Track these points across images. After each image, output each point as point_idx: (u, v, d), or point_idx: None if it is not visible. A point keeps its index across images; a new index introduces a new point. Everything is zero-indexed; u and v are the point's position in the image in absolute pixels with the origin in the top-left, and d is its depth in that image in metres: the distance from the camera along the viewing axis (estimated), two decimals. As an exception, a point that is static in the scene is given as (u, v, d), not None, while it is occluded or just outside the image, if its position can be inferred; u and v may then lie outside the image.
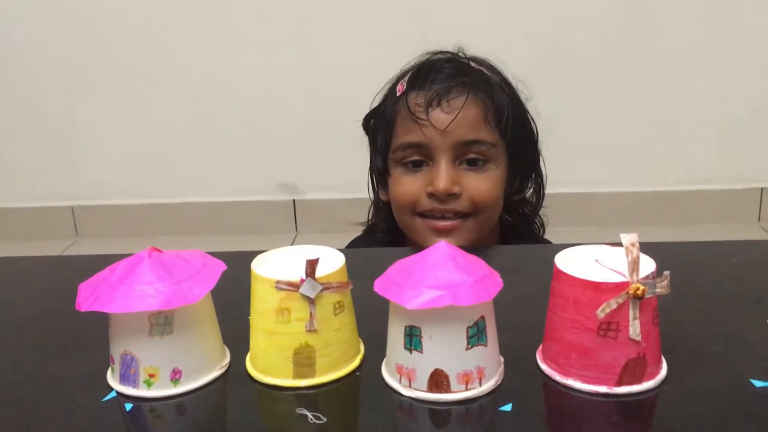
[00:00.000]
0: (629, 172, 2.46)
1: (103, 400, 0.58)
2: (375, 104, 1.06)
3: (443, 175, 0.93)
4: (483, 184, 0.95)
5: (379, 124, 1.03)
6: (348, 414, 0.57)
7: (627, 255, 0.54)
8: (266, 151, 2.53)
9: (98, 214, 2.63)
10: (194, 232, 2.55)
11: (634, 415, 0.55)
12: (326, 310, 0.58)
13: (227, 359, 0.62)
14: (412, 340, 0.56)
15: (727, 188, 2.43)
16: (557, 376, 0.58)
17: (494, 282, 0.56)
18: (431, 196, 0.94)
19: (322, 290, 0.57)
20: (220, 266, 0.61)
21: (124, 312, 0.55)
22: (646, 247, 0.57)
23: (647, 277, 0.55)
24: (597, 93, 2.37)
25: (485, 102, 0.95)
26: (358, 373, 0.61)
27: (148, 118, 2.51)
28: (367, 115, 1.07)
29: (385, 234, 1.08)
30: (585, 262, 0.59)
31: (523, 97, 1.03)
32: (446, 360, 0.56)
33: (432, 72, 0.98)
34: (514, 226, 1.09)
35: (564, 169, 2.36)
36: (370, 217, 1.14)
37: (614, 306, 0.54)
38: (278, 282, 0.57)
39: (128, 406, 0.57)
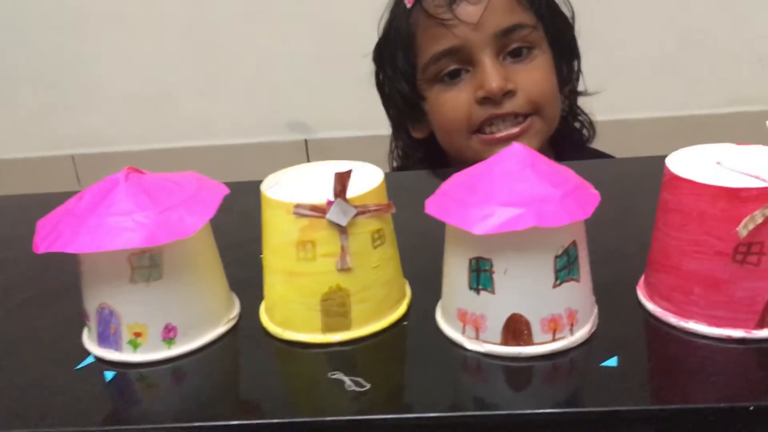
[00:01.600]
0: (661, 95, 2.29)
1: (77, 367, 0.45)
2: (381, 32, 0.91)
3: (492, 73, 0.80)
4: (536, 75, 0.83)
5: (396, 47, 0.88)
6: (395, 377, 0.43)
7: (777, 149, 0.39)
8: (273, 89, 2.38)
9: (99, 162, 2.50)
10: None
11: (782, 367, 0.41)
12: (362, 241, 0.44)
13: (236, 310, 0.49)
14: (480, 276, 0.42)
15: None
16: (673, 318, 0.44)
17: (589, 195, 0.42)
18: (484, 101, 0.81)
19: (356, 215, 0.43)
20: (221, 190, 0.46)
21: (94, 252, 0.41)
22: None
23: (801, 179, 0.40)
24: (622, 7, 2.18)
25: None
26: (405, 323, 0.47)
27: (147, 59, 2.35)
28: (377, 43, 0.92)
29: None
30: (706, 165, 0.44)
31: None
32: (527, 302, 0.42)
33: None
34: (568, 131, 0.95)
35: (594, 95, 2.21)
36: (394, 166, 1.00)
37: (760, 220, 0.39)
38: (298, 206, 0.43)
39: (108, 375, 0.44)
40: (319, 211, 0.42)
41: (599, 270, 0.49)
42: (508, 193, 0.40)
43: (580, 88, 0.95)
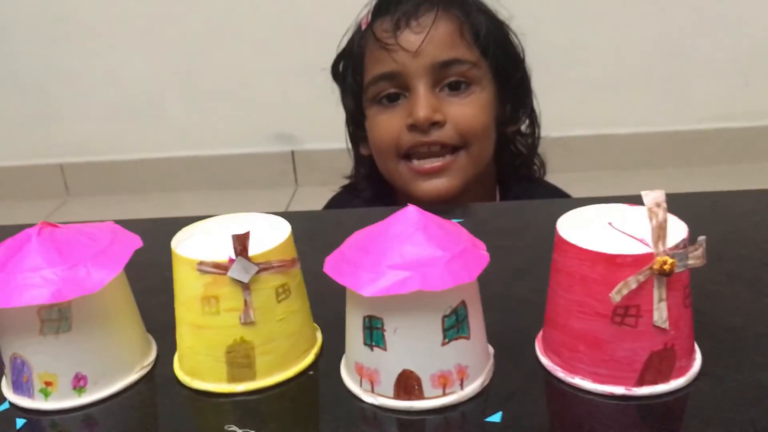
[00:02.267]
0: (644, 111, 2.30)
1: (-7, 413, 0.47)
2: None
3: (422, 102, 0.81)
4: (468, 110, 0.84)
5: (347, 65, 0.91)
6: (296, 426, 0.45)
7: (651, 219, 0.41)
8: (260, 100, 2.40)
9: (88, 171, 2.52)
10: (188, 187, 2.44)
11: (659, 423, 0.43)
12: (266, 296, 0.46)
13: (152, 357, 0.50)
14: (373, 333, 0.44)
15: (754, 125, 2.26)
16: (561, 373, 0.46)
17: (477, 257, 0.44)
18: (412, 128, 0.82)
19: (258, 272, 0.45)
20: (134, 242, 0.48)
21: (4, 308, 0.43)
22: (668, 202, 0.43)
23: (677, 246, 0.42)
24: (606, 22, 2.19)
25: (458, 17, 0.84)
26: (311, 373, 0.49)
27: (135, 68, 2.37)
28: (335, 59, 0.94)
29: (369, 190, 0.96)
30: (596, 226, 0.46)
31: (503, 16, 0.90)
32: (417, 359, 0.43)
33: None
34: (512, 168, 0.96)
35: (573, 109, 2.21)
36: (351, 174, 1.02)
37: (634, 286, 0.41)
38: (201, 263, 0.44)
39: (19, 422, 0.46)
40: (222, 268, 0.44)
41: (507, 321, 0.51)
42: (398, 256, 0.42)
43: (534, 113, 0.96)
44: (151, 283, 0.56)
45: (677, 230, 0.43)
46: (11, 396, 0.47)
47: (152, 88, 2.38)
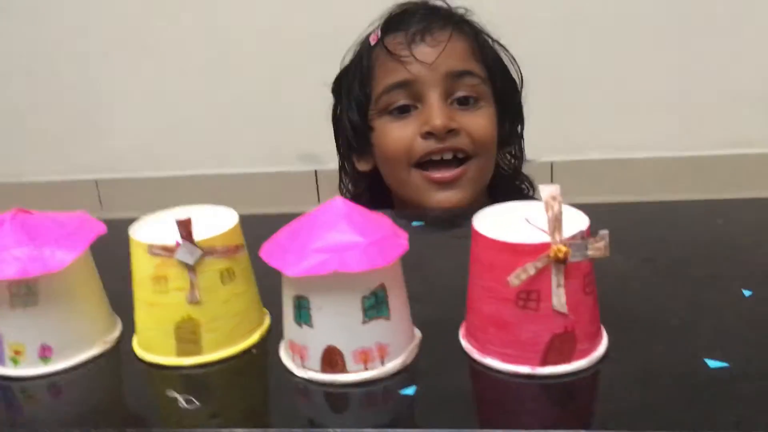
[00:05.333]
0: (662, 135, 2.31)
1: (-33, 379, 0.52)
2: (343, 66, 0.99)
3: (437, 111, 0.86)
4: (480, 120, 0.89)
5: (354, 78, 0.95)
6: (238, 397, 0.50)
7: (547, 210, 0.45)
8: (286, 120, 2.47)
9: (121, 187, 2.61)
10: (215, 204, 2.50)
11: (560, 400, 0.46)
12: (211, 278, 0.51)
13: (115, 333, 0.56)
14: (302, 312, 0.48)
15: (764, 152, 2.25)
16: (476, 354, 0.50)
17: (395, 244, 0.48)
18: (427, 136, 0.87)
19: (203, 255, 0.50)
20: (98, 228, 0.54)
21: (-23, 281, 0.49)
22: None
23: (575, 237, 0.46)
24: (621, 47, 2.21)
25: (470, 36, 0.91)
26: (253, 351, 0.53)
27: (167, 88, 2.47)
28: (337, 75, 0.99)
29: (367, 207, 1.00)
30: (511, 221, 0.50)
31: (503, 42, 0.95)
32: (339, 336, 0.48)
33: (407, 15, 0.93)
34: (502, 188, 1.00)
35: (588, 133, 2.24)
36: (343, 194, 1.07)
37: (531, 272, 0.45)
38: (152, 246, 0.50)
39: (-9, 386, 0.51)
40: (169, 251, 0.49)
41: (440, 310, 0.56)
42: (321, 240, 0.47)
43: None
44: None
45: (578, 223, 0.47)
46: (-14, 364, 0.53)
47: (182, 107, 2.47)
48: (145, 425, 0.47)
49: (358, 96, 0.95)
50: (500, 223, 0.49)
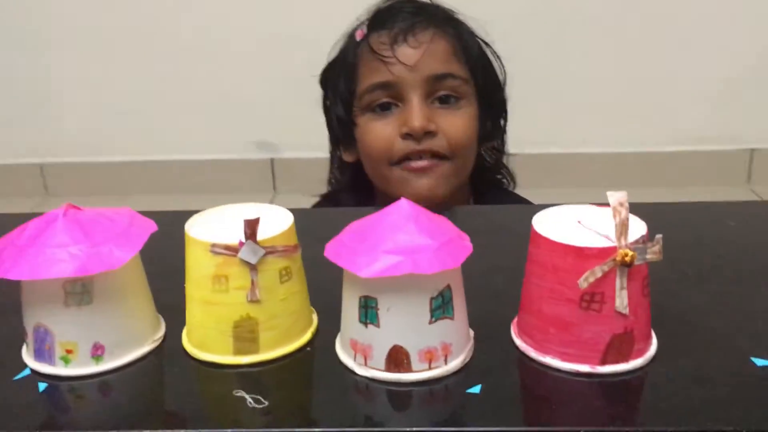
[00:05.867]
0: (616, 132, 2.38)
1: (15, 378, 0.51)
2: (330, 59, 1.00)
3: (417, 112, 0.87)
4: (458, 121, 0.90)
5: (340, 73, 0.96)
6: (295, 395, 0.50)
7: (614, 216, 0.47)
8: (242, 108, 2.44)
9: (68, 172, 2.53)
10: (168, 191, 2.46)
11: (619, 398, 0.48)
12: (271, 277, 0.51)
13: (161, 332, 0.55)
14: (368, 312, 0.49)
15: (717, 149, 2.35)
16: (533, 353, 0.51)
17: (462, 246, 0.49)
18: (406, 136, 0.89)
19: (265, 255, 0.50)
20: (150, 227, 0.53)
21: (32, 279, 0.48)
22: (634, 209, 0.49)
23: (637, 241, 0.48)
24: (581, 48, 2.27)
25: (452, 36, 0.92)
26: (308, 349, 0.54)
27: (118, 73, 2.40)
28: (324, 68, 1.00)
29: (351, 198, 1.01)
30: (567, 224, 0.51)
31: (488, 39, 0.98)
32: (406, 335, 0.49)
33: (392, 12, 0.94)
34: (484, 178, 1.03)
35: (547, 129, 2.29)
36: (330, 181, 1.08)
37: (599, 274, 0.47)
38: (214, 245, 0.49)
39: (42, 385, 0.50)
40: (232, 250, 0.49)
41: (484, 309, 0.57)
42: (392, 242, 0.47)
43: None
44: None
45: (638, 228, 0.49)
46: (32, 363, 0.51)
47: (133, 93, 2.41)
48: (203, 424, 0.47)
49: (343, 92, 0.96)
50: (555, 225, 0.51)
